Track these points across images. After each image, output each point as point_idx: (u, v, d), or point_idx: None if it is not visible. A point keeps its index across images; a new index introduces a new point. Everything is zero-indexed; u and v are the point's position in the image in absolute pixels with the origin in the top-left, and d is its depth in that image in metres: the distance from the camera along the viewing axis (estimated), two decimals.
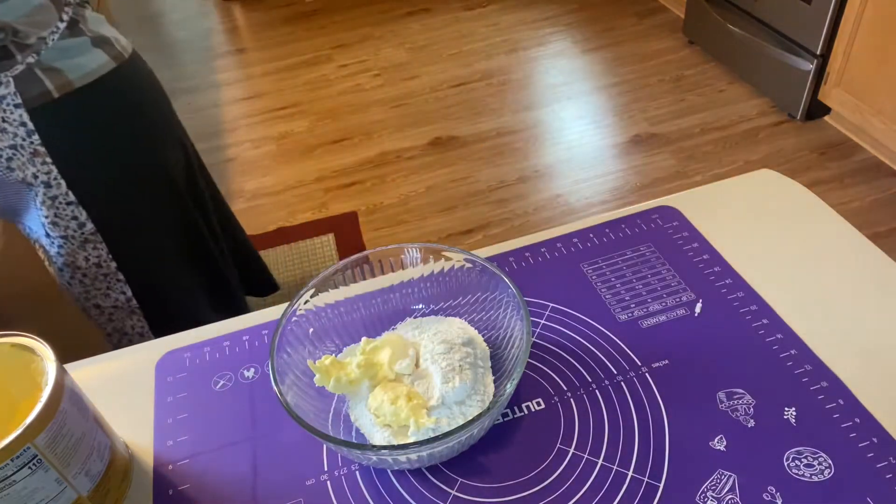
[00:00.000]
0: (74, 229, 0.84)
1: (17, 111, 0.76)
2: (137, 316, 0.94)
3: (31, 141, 0.78)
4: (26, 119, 0.76)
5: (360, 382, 0.54)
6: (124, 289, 0.91)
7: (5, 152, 0.77)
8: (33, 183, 0.80)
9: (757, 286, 0.63)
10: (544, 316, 0.62)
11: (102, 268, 0.88)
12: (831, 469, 0.49)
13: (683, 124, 2.25)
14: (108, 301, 0.91)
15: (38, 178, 0.80)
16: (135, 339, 0.96)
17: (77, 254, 0.85)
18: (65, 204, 0.82)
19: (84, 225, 0.84)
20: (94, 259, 0.87)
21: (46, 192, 0.81)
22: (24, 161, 0.78)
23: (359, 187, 2.17)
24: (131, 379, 0.61)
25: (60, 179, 0.81)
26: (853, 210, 1.87)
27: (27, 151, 0.78)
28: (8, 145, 0.77)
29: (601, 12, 2.92)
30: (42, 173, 0.80)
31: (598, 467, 0.51)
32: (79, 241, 0.84)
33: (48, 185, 0.80)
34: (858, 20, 1.87)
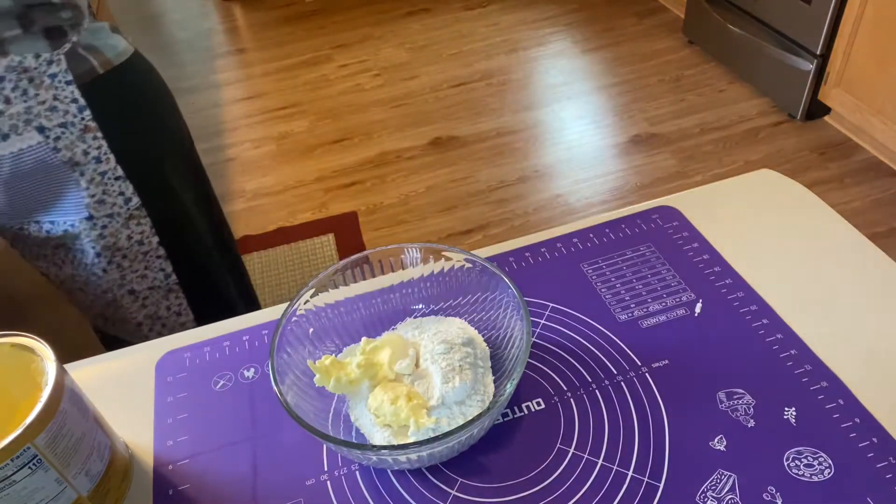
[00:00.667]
0: (121, 205, 0.84)
1: (69, 88, 0.77)
2: (175, 294, 0.94)
3: (81, 117, 0.78)
4: (77, 95, 0.77)
5: (360, 382, 0.54)
6: (164, 265, 0.92)
7: (54, 132, 0.77)
8: (81, 161, 0.80)
9: (757, 286, 0.63)
10: (544, 316, 0.62)
11: (144, 245, 0.88)
12: (831, 469, 0.49)
13: (683, 124, 2.25)
14: (144, 283, 0.92)
15: (89, 154, 0.80)
16: (170, 320, 0.96)
17: (120, 233, 0.86)
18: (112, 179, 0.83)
19: (130, 200, 0.84)
20: (136, 236, 0.87)
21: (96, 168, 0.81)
22: (73, 139, 0.79)
23: (359, 187, 2.17)
24: (131, 379, 0.61)
25: (110, 154, 0.81)
26: (853, 210, 1.87)
27: (77, 128, 0.78)
28: (57, 124, 0.77)
29: (601, 12, 2.92)
30: (93, 149, 0.80)
31: (598, 467, 0.51)
32: (124, 217, 0.85)
33: (98, 160, 0.81)
34: (858, 20, 1.87)
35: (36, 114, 0.76)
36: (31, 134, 0.77)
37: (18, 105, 0.74)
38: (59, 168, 0.80)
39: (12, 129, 0.76)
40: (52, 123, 0.77)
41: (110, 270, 0.88)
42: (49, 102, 0.76)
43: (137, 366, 0.63)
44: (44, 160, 0.79)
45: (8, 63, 0.73)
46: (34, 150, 0.78)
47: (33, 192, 0.81)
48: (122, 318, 0.93)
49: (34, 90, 0.75)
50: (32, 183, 0.80)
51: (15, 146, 0.77)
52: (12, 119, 0.75)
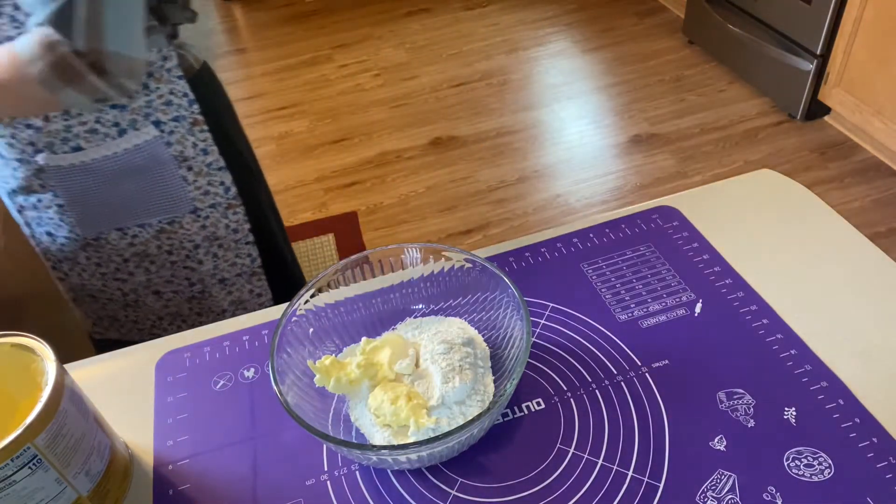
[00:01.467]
0: (221, 195, 0.87)
1: (180, 82, 0.79)
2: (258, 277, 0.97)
3: (191, 111, 0.81)
4: (188, 89, 0.80)
5: (360, 382, 0.54)
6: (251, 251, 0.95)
7: (168, 125, 0.79)
8: (190, 155, 0.82)
9: (757, 286, 0.63)
10: (544, 316, 0.62)
11: (238, 233, 0.92)
12: (831, 469, 0.49)
13: (683, 124, 2.25)
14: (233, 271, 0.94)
15: (197, 146, 0.83)
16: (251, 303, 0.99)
17: (220, 222, 0.89)
18: (216, 170, 0.85)
19: (229, 189, 0.87)
20: (233, 224, 0.90)
21: (203, 160, 0.84)
22: (183, 133, 0.81)
23: (359, 187, 2.17)
24: (131, 379, 0.61)
25: (214, 145, 0.84)
26: (853, 210, 1.87)
27: (187, 122, 0.81)
28: (171, 118, 0.79)
29: (601, 12, 2.92)
30: (200, 141, 0.83)
31: (598, 467, 0.51)
32: (223, 207, 0.88)
33: (205, 152, 0.83)
34: (858, 20, 1.87)
35: (154, 108, 0.78)
36: (147, 128, 0.78)
37: (140, 100, 0.76)
38: (170, 163, 0.81)
39: (131, 125, 0.77)
40: (167, 117, 0.79)
41: (206, 261, 0.91)
42: (165, 97, 0.78)
43: (137, 366, 0.63)
44: (156, 155, 0.80)
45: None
46: (150, 145, 0.79)
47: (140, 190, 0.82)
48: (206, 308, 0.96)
49: (154, 84, 0.77)
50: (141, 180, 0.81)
51: (131, 141, 0.78)
52: (133, 113, 0.77)
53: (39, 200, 0.82)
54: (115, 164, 0.78)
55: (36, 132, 0.75)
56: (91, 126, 0.76)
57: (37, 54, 0.64)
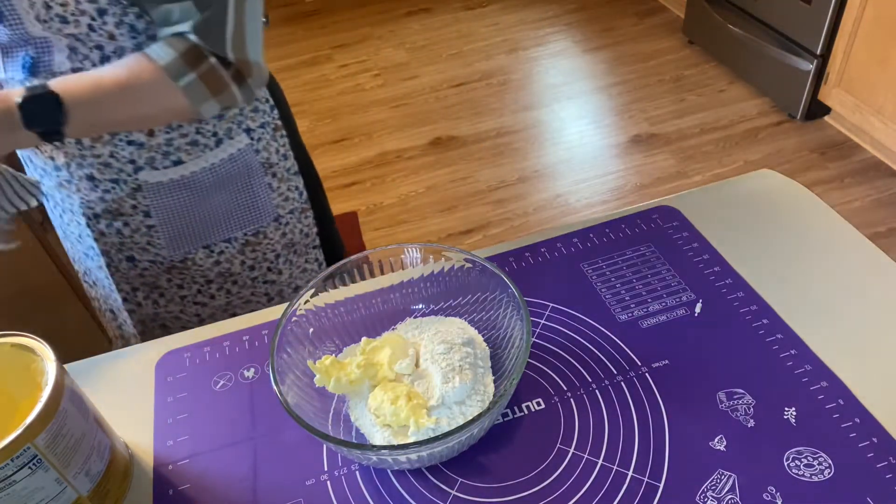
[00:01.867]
0: (297, 199, 0.86)
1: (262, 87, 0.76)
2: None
3: (272, 116, 0.80)
4: (268, 95, 0.79)
5: (360, 382, 0.54)
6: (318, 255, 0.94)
7: (256, 132, 0.78)
8: (274, 161, 0.81)
9: (757, 286, 0.63)
10: (544, 316, 0.62)
11: (309, 237, 0.91)
12: (831, 469, 0.49)
13: (683, 124, 2.25)
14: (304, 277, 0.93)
15: (280, 151, 0.82)
16: None
17: (296, 227, 0.88)
18: (292, 174, 0.85)
19: (302, 193, 0.87)
20: (305, 229, 0.90)
21: (284, 165, 0.83)
22: (268, 139, 0.80)
23: (359, 187, 2.17)
24: (131, 379, 0.61)
25: (290, 150, 0.84)
26: (853, 210, 1.87)
27: (271, 127, 0.80)
28: (259, 124, 0.78)
29: (601, 12, 2.92)
30: (281, 146, 0.82)
31: (598, 467, 0.51)
32: (299, 212, 0.87)
33: (286, 157, 0.83)
34: (858, 20, 1.87)
35: (245, 115, 0.77)
36: (240, 137, 0.77)
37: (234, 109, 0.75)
38: (258, 170, 0.80)
39: (227, 133, 0.76)
40: (255, 124, 0.78)
41: (284, 270, 0.89)
42: (253, 103, 0.77)
43: (137, 366, 0.63)
44: (248, 163, 0.79)
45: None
46: (242, 154, 0.78)
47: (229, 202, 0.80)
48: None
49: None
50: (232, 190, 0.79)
51: (227, 151, 0.76)
52: (229, 122, 0.75)
53: (126, 224, 0.77)
54: (212, 175, 0.77)
55: (138, 148, 0.72)
56: (192, 138, 0.74)
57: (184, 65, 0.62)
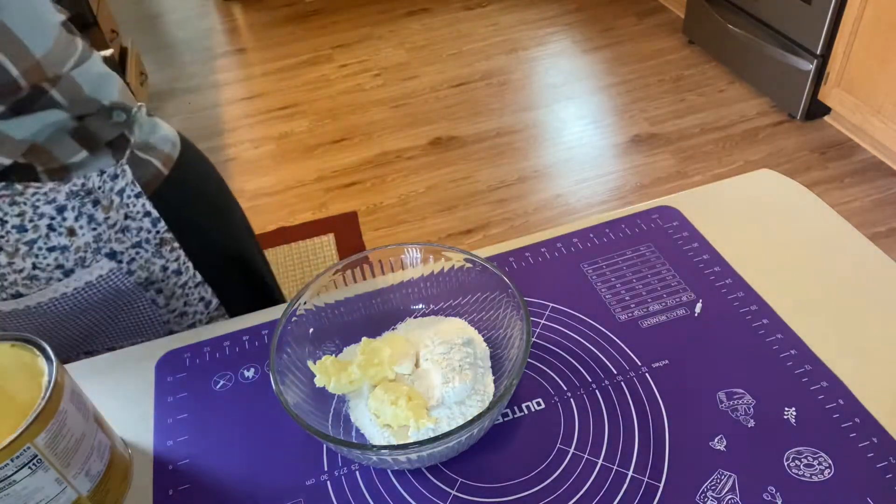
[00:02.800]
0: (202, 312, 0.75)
1: (139, 201, 0.66)
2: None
3: (156, 231, 0.68)
4: (150, 207, 0.67)
5: (360, 382, 0.54)
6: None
7: (127, 254, 0.67)
8: (159, 278, 0.70)
9: (757, 286, 0.63)
10: (544, 316, 0.62)
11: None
12: (831, 469, 0.49)
13: (683, 124, 2.25)
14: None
15: (168, 268, 0.70)
16: None
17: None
18: (192, 287, 0.73)
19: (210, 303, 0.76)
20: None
21: (176, 282, 0.72)
22: (148, 257, 0.69)
23: (359, 187, 2.17)
24: (131, 379, 0.61)
25: (188, 262, 0.72)
26: (853, 210, 1.87)
27: (152, 245, 0.68)
28: (130, 245, 0.67)
29: (601, 12, 2.92)
30: (171, 262, 0.70)
31: (598, 467, 0.51)
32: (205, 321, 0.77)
33: (178, 272, 0.72)
34: (858, 20, 1.87)
35: (106, 239, 0.65)
36: (101, 263, 0.66)
37: (86, 235, 0.64)
38: (133, 291, 0.70)
39: (78, 263, 0.65)
40: (125, 246, 0.67)
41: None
42: (120, 223, 0.65)
43: (137, 366, 0.62)
44: (116, 287, 0.68)
45: (69, 189, 0.61)
46: (105, 280, 0.67)
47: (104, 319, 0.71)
48: None
49: (102, 214, 0.64)
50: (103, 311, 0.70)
51: (82, 279, 0.66)
52: (78, 252, 0.64)
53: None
54: (67, 304, 0.66)
55: None
56: (28, 273, 0.63)
57: None
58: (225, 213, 0.80)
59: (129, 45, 2.49)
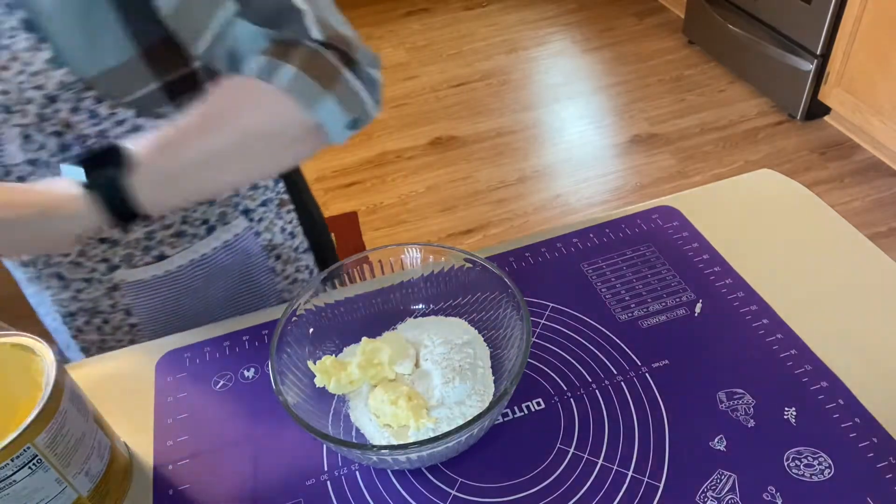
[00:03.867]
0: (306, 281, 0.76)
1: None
2: None
3: (277, 191, 0.69)
4: None
5: (360, 383, 0.54)
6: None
7: (257, 212, 0.68)
8: (278, 242, 0.70)
9: (757, 286, 0.63)
10: (544, 316, 0.62)
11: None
12: (831, 469, 0.49)
13: (683, 124, 2.25)
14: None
15: (286, 230, 0.71)
16: None
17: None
18: (301, 253, 0.74)
19: (313, 272, 0.76)
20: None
21: (291, 245, 0.72)
22: (272, 218, 0.69)
23: (359, 187, 2.17)
24: (131, 379, 0.61)
25: (299, 226, 0.73)
26: (853, 210, 1.87)
27: (274, 204, 0.69)
28: (260, 203, 0.68)
29: (601, 12, 2.92)
30: (287, 224, 0.71)
31: (598, 467, 0.51)
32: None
33: (293, 235, 0.72)
34: (858, 20, 1.87)
35: (242, 194, 0.66)
36: (237, 220, 0.67)
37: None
38: (259, 255, 0.70)
39: (220, 219, 0.65)
40: (256, 203, 0.68)
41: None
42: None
43: (137, 366, 0.62)
44: (246, 249, 0.68)
45: None
46: (240, 239, 0.67)
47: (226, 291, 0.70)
48: None
49: None
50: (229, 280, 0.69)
51: (221, 238, 0.66)
52: (221, 206, 0.65)
53: (106, 322, 0.69)
54: (203, 268, 0.67)
55: (111, 246, 0.62)
56: (177, 228, 0.64)
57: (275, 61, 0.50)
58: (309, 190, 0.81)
59: None
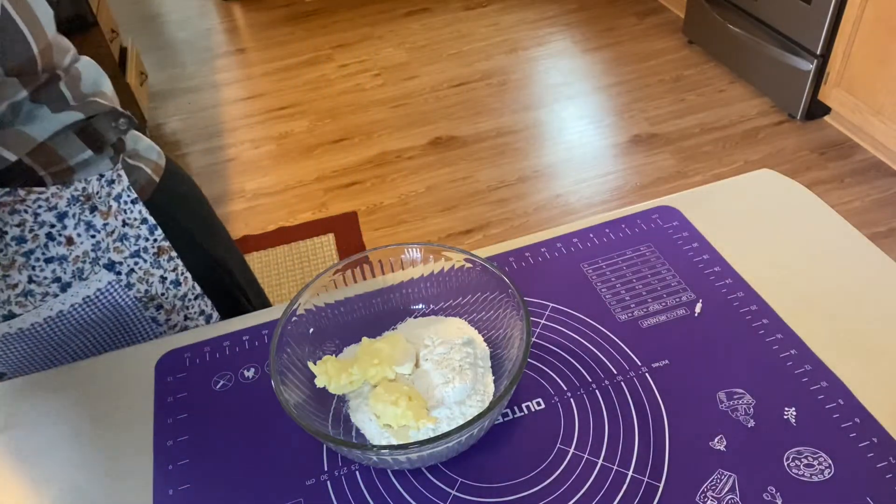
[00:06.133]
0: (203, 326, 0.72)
1: (136, 207, 0.63)
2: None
3: (154, 239, 0.65)
4: (146, 214, 0.64)
5: (360, 383, 0.54)
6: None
7: (126, 264, 0.64)
8: (158, 292, 0.67)
9: (757, 286, 0.63)
10: (544, 316, 0.62)
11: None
12: (831, 469, 0.49)
13: (683, 124, 2.25)
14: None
15: (167, 279, 0.67)
16: None
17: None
18: (192, 299, 0.70)
19: (210, 317, 0.73)
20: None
21: (176, 294, 0.68)
22: (147, 267, 0.65)
23: (359, 187, 2.17)
24: (131, 379, 0.61)
25: (187, 273, 0.69)
26: (853, 210, 1.87)
27: (150, 254, 0.65)
28: (129, 254, 0.64)
29: (601, 12, 2.92)
30: (169, 272, 0.67)
31: (598, 467, 0.51)
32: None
33: (177, 283, 0.68)
34: (858, 20, 1.87)
35: (104, 248, 0.62)
36: (99, 275, 0.63)
37: (85, 244, 0.60)
38: (133, 308, 0.66)
39: (76, 275, 0.61)
40: (123, 256, 0.63)
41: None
42: (118, 231, 0.62)
43: (137, 366, 0.62)
44: (115, 302, 0.65)
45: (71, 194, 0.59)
46: (104, 294, 0.63)
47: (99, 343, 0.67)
48: None
49: (100, 220, 0.61)
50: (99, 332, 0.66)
51: (79, 294, 0.62)
52: (77, 262, 0.61)
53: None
54: (63, 325, 0.63)
55: None
56: (24, 288, 0.59)
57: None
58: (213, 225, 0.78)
59: (128, 45, 2.49)
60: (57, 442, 0.57)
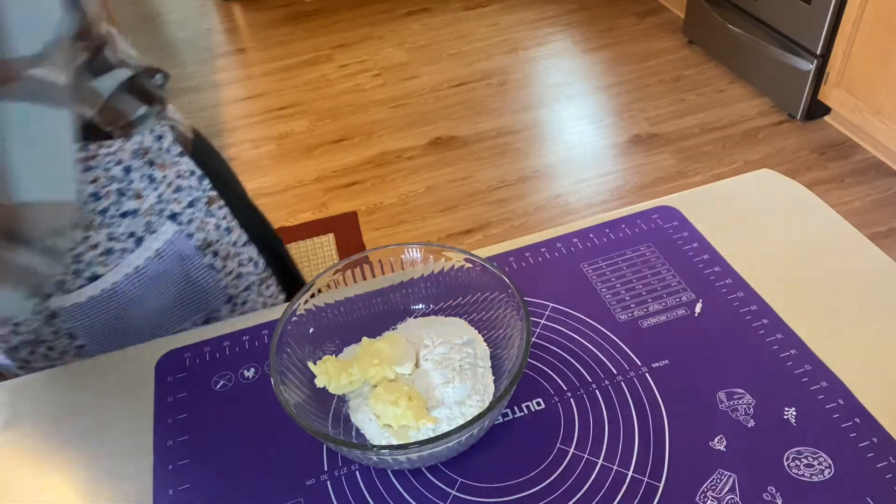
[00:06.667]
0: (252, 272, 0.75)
1: (183, 159, 0.66)
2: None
3: (202, 189, 0.68)
4: (194, 165, 0.67)
5: (360, 383, 0.54)
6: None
7: (185, 214, 0.67)
8: (214, 239, 0.70)
9: (757, 286, 0.63)
10: (544, 316, 0.62)
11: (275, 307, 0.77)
12: (831, 469, 0.49)
13: (683, 124, 2.25)
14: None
15: (221, 227, 0.70)
16: None
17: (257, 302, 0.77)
18: (241, 246, 0.73)
19: (257, 264, 0.75)
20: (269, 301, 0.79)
21: (228, 240, 0.71)
22: (202, 216, 0.68)
23: (359, 187, 2.17)
24: (131, 379, 0.61)
25: (234, 220, 0.72)
26: (853, 210, 1.87)
27: (203, 203, 0.68)
28: (186, 204, 0.67)
29: (601, 12, 2.92)
30: (220, 219, 0.70)
31: (598, 467, 0.51)
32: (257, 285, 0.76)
33: (228, 230, 0.71)
34: (858, 20, 1.87)
35: (166, 200, 0.65)
36: (165, 227, 0.66)
37: (150, 197, 0.63)
38: (195, 256, 0.69)
39: (147, 228, 0.64)
40: (182, 206, 0.67)
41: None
42: (174, 182, 0.66)
43: (137, 366, 0.62)
44: (179, 252, 0.67)
45: (132, 147, 0.61)
46: (171, 244, 0.66)
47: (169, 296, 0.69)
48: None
49: (159, 172, 0.64)
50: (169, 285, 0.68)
51: (151, 248, 0.65)
52: (147, 215, 0.64)
53: (51, 348, 0.67)
54: (140, 280, 0.66)
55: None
56: (104, 247, 0.62)
57: None
58: (237, 180, 0.81)
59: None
60: (57, 442, 0.57)
